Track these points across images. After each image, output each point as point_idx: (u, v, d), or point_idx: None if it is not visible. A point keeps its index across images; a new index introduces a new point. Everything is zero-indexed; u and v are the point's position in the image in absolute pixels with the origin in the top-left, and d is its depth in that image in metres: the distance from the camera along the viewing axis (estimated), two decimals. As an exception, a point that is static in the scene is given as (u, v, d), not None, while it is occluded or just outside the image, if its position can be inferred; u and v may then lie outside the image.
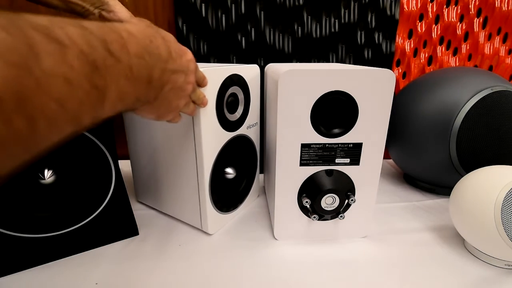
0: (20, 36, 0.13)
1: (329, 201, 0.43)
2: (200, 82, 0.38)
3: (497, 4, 0.73)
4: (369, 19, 0.70)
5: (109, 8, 0.42)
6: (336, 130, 0.41)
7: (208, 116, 0.42)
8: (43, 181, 0.39)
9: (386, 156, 0.79)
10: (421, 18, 0.73)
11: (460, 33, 0.75)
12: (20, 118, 0.13)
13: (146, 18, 0.68)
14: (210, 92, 0.41)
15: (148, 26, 0.25)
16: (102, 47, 0.18)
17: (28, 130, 0.14)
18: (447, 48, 0.76)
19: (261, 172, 0.68)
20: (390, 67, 0.75)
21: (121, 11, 0.43)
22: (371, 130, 0.41)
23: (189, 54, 0.31)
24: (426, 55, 0.76)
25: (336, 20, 0.70)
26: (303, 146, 0.41)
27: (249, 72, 0.49)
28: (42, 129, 0.14)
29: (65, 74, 0.15)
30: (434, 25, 0.74)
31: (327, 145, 0.42)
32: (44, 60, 0.14)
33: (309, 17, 0.69)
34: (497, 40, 0.77)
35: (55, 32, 0.15)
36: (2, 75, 0.12)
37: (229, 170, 0.51)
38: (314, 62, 0.72)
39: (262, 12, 0.67)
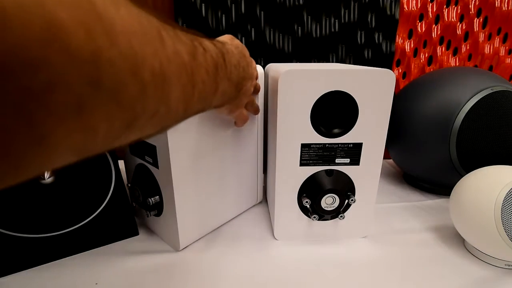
0: (189, 40, 0.20)
1: (329, 201, 0.43)
2: (257, 87, 0.44)
3: (497, 4, 0.73)
4: (369, 19, 0.70)
5: None
6: (336, 130, 0.41)
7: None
8: (43, 181, 0.39)
9: (386, 156, 0.79)
10: (421, 18, 0.73)
11: (460, 33, 0.75)
12: (190, 84, 0.20)
13: (146, 18, 0.68)
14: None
15: (236, 46, 0.33)
16: (221, 56, 0.26)
17: (190, 95, 0.20)
18: (447, 48, 0.76)
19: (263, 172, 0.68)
20: (390, 67, 0.75)
21: None
22: (371, 130, 0.41)
23: (253, 64, 0.38)
24: (426, 55, 0.76)
25: (336, 20, 0.70)
26: (303, 146, 0.41)
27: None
28: (195, 99, 0.21)
29: (206, 67, 0.23)
30: (434, 25, 0.74)
31: (327, 145, 0.42)
32: (198, 56, 0.21)
33: (309, 17, 0.69)
34: (497, 40, 0.77)
35: (202, 42, 0.23)
36: (186, 54, 0.19)
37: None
38: (314, 62, 0.72)
39: (262, 12, 0.67)
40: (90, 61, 0.10)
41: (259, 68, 0.50)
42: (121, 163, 0.45)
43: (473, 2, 0.73)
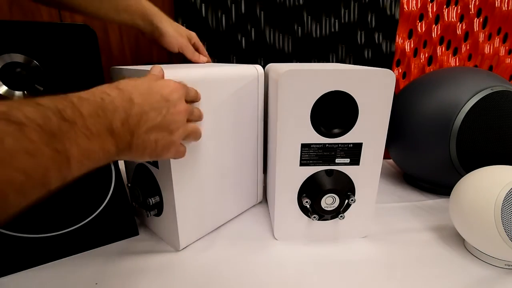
0: None
1: (329, 201, 0.43)
2: (195, 99, 0.38)
3: (497, 4, 0.73)
4: (369, 19, 0.70)
5: (159, 32, 0.50)
6: (336, 130, 0.41)
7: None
8: (43, 181, 0.39)
9: (386, 156, 0.79)
10: (421, 18, 0.73)
11: (460, 33, 0.75)
12: None
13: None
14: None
15: (105, 85, 0.27)
16: (56, 116, 0.20)
17: (1, 202, 0.16)
18: (447, 48, 0.76)
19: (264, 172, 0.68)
20: (390, 67, 0.75)
21: (169, 33, 0.51)
22: (371, 130, 0.41)
23: (168, 87, 0.31)
24: (426, 55, 0.76)
25: (336, 20, 0.70)
26: (303, 146, 0.41)
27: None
28: (13, 199, 0.17)
29: (26, 148, 0.18)
30: (434, 25, 0.74)
31: (327, 145, 0.42)
32: (5, 140, 0.16)
33: (309, 17, 0.69)
34: (497, 40, 0.77)
35: (13, 115, 0.18)
36: None
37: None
38: (314, 62, 0.72)
39: (262, 12, 0.67)
40: None
41: (256, 67, 0.50)
42: (121, 163, 0.45)
43: (473, 2, 0.73)
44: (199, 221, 0.47)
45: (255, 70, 0.50)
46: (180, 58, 0.61)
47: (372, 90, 0.39)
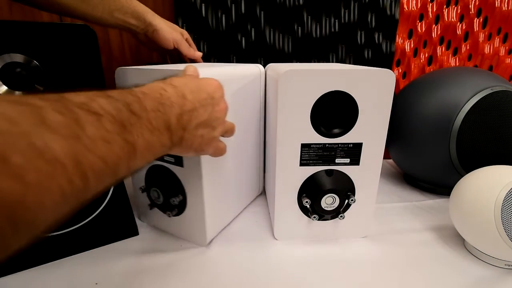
0: (69, 115, 0.17)
1: (329, 201, 0.43)
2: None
3: (497, 4, 0.73)
4: (369, 19, 0.70)
5: (153, 28, 0.51)
6: (336, 130, 0.41)
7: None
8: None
9: (386, 156, 0.79)
10: (421, 18, 0.73)
11: (460, 33, 0.75)
12: (77, 177, 0.16)
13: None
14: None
15: (160, 81, 0.29)
16: (126, 109, 0.22)
17: (83, 186, 0.17)
18: (447, 48, 0.76)
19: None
20: (390, 67, 0.75)
21: (163, 28, 0.52)
22: (371, 130, 0.41)
23: (212, 85, 0.33)
24: (426, 55, 0.76)
25: (336, 20, 0.70)
26: (303, 146, 0.41)
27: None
28: (92, 183, 0.18)
29: (104, 136, 0.19)
30: (434, 25, 0.74)
31: (327, 145, 0.42)
32: (87, 129, 0.18)
33: (309, 17, 0.69)
34: (497, 40, 0.77)
35: (91, 106, 0.19)
36: (61, 145, 0.16)
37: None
38: (314, 62, 0.72)
39: (262, 12, 0.67)
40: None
41: (256, 66, 0.52)
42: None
43: (473, 2, 0.73)
44: (220, 216, 0.48)
45: (258, 69, 0.52)
46: (174, 59, 0.61)
47: (372, 90, 0.39)
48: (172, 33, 0.53)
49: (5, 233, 0.13)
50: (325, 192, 0.42)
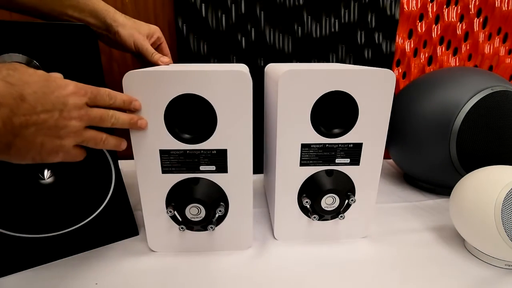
0: None
1: (329, 201, 0.43)
2: (125, 106, 0.35)
3: (497, 4, 0.73)
4: (369, 19, 0.70)
5: (114, 30, 0.46)
6: (336, 130, 0.41)
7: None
8: (42, 181, 0.39)
9: (386, 156, 0.79)
10: (421, 18, 0.73)
11: (460, 33, 0.75)
12: None
13: (146, 18, 0.67)
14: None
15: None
16: None
17: None
18: (447, 48, 0.76)
19: (261, 172, 0.68)
20: (390, 67, 0.75)
21: (123, 30, 0.47)
22: (371, 130, 0.41)
23: (66, 89, 0.29)
24: (426, 55, 0.76)
25: (336, 20, 0.70)
26: (303, 146, 0.41)
27: None
28: None
29: None
30: (434, 25, 0.74)
31: (327, 145, 0.42)
32: None
33: (309, 17, 0.69)
34: (497, 40, 0.77)
35: None
36: None
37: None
38: (314, 62, 0.72)
39: (262, 12, 0.67)
40: None
41: (241, 66, 0.48)
42: (121, 163, 0.45)
43: (473, 2, 0.73)
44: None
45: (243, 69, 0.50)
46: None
47: (372, 90, 0.39)
48: (132, 35, 0.47)
49: None
50: (325, 192, 0.42)
